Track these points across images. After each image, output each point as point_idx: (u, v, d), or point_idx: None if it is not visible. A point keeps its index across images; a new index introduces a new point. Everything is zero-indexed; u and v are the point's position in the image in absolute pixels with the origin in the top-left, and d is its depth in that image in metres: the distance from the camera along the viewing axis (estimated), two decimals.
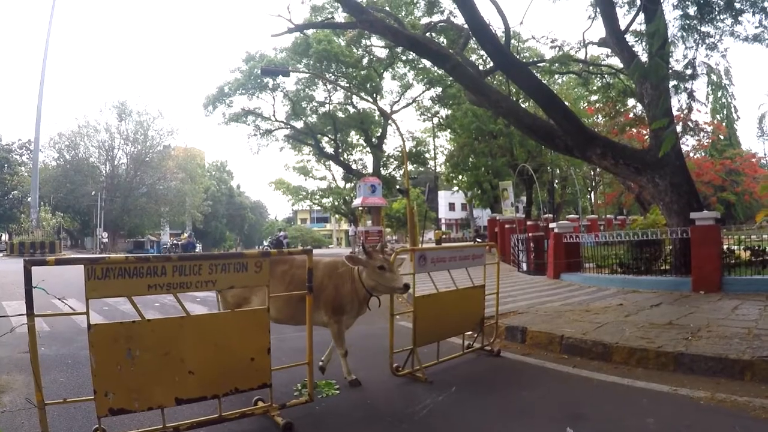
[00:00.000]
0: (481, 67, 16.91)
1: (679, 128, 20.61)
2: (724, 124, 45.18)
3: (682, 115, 21.64)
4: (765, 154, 50.80)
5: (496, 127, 27.28)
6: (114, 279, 3.20)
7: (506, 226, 19.60)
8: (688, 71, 7.50)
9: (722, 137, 43.59)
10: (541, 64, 19.84)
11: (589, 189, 45.81)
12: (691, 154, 36.22)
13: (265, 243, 42.23)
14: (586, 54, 18.81)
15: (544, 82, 15.53)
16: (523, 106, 17.33)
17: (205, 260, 3.51)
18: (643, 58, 12.54)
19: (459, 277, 5.98)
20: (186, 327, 3.47)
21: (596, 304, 8.81)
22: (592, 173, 40.84)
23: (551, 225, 13.82)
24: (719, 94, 45.37)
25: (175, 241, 42.36)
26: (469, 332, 6.16)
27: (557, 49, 16.40)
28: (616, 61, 18.83)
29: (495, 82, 21.32)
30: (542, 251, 14.68)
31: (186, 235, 45.18)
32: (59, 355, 6.09)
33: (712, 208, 26.42)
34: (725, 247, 10.29)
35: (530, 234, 15.52)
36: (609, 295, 9.92)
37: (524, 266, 15.28)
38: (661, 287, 10.19)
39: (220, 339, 3.59)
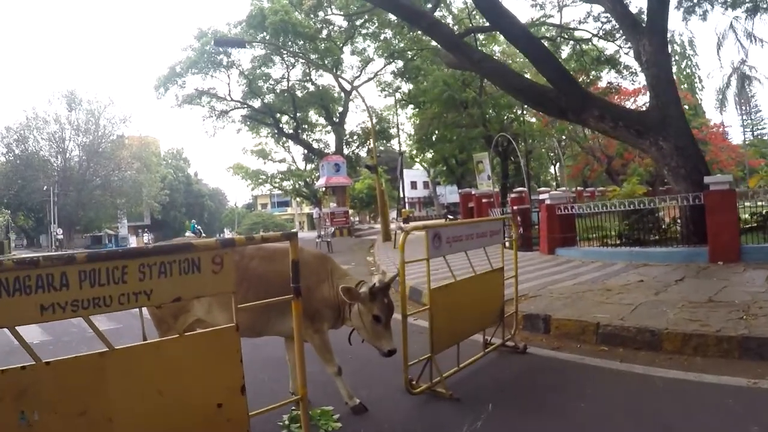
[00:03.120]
0: None
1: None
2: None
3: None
4: (723, 125, 51.21)
5: (469, 96, 26.06)
6: None
7: (483, 200, 18.53)
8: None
9: (687, 107, 43.56)
10: None
11: (553, 162, 45.43)
12: None
13: None
14: (561, 18, 17.92)
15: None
16: None
17: (132, 259, 2.15)
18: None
19: (459, 261, 4.72)
20: (110, 368, 2.14)
21: (612, 281, 7.80)
22: (557, 145, 40.23)
23: (542, 196, 12.82)
24: (683, 64, 45.02)
25: None
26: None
27: (538, 7, 15.26)
28: (585, 31, 18.13)
29: None
30: (528, 225, 13.72)
31: None
32: None
33: None
34: None
35: (515, 207, 14.48)
36: (620, 270, 8.89)
37: (507, 242, 14.24)
38: (674, 259, 9.23)
39: (166, 381, 2.28)
